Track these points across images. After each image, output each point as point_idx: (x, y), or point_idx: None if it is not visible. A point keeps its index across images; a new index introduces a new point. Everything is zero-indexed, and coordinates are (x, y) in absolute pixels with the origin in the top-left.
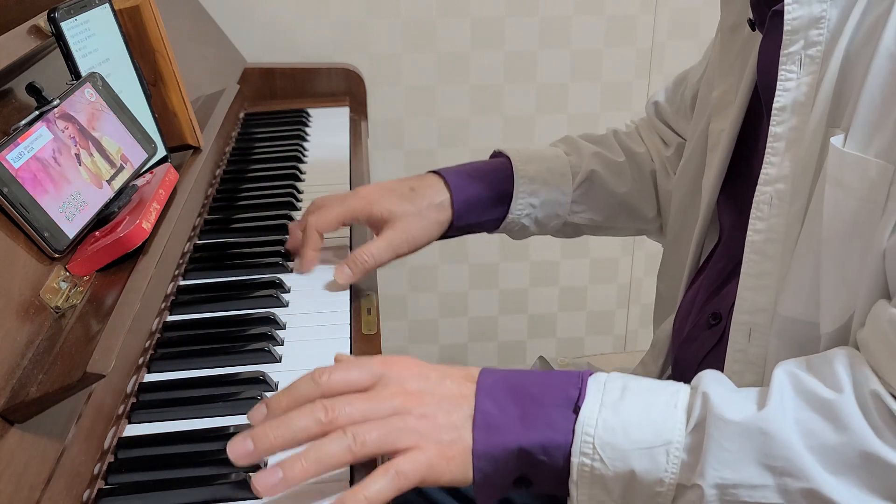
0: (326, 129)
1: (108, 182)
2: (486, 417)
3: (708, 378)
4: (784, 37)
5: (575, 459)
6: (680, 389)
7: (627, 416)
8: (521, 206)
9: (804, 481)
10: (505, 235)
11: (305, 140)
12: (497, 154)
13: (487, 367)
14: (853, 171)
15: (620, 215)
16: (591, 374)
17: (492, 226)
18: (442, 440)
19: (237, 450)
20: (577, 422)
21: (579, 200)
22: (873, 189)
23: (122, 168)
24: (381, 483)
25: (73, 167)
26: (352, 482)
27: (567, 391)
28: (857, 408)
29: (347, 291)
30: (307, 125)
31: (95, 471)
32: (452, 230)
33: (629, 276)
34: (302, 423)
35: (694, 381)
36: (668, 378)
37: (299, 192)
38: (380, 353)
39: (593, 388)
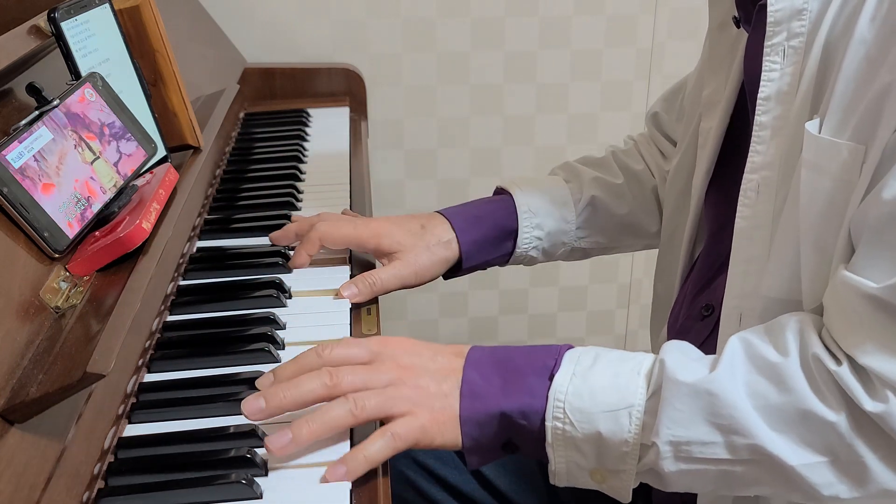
0: (326, 129)
1: (108, 182)
2: (471, 386)
3: (669, 346)
4: (767, 28)
5: (548, 423)
6: (646, 358)
7: (595, 383)
8: (527, 239)
9: (749, 438)
10: None
11: (305, 140)
12: (500, 190)
13: (477, 345)
14: (827, 154)
15: (625, 235)
16: (569, 348)
17: (501, 261)
18: (433, 407)
19: (251, 407)
20: (550, 389)
21: (583, 226)
22: (845, 169)
23: (121, 168)
24: (379, 444)
25: (73, 167)
26: (352, 446)
27: (545, 361)
28: (800, 370)
29: None
30: (307, 125)
31: (95, 471)
32: (462, 271)
33: (629, 276)
34: (310, 386)
35: (661, 350)
36: None
37: (299, 192)
38: None
39: (568, 359)
